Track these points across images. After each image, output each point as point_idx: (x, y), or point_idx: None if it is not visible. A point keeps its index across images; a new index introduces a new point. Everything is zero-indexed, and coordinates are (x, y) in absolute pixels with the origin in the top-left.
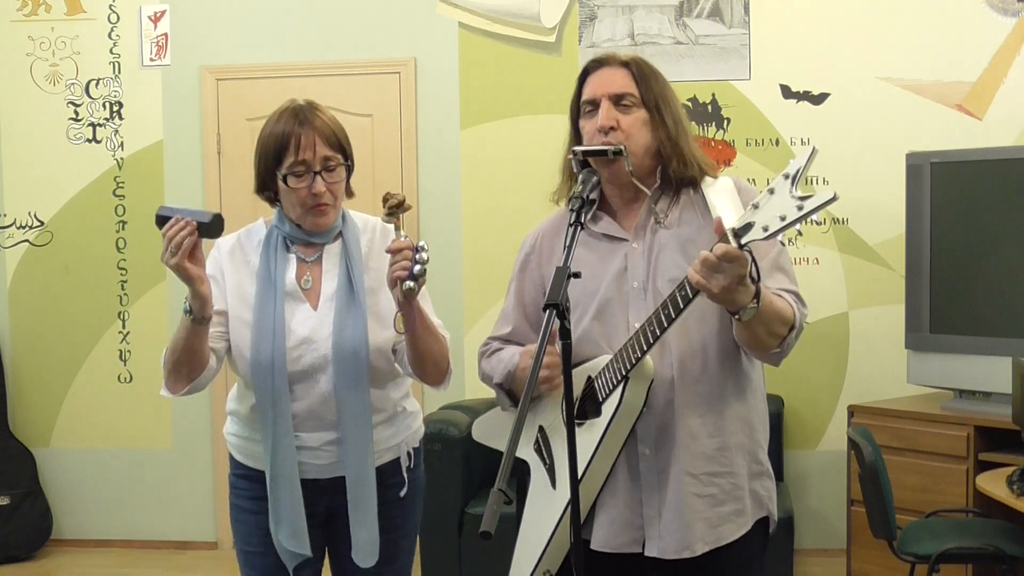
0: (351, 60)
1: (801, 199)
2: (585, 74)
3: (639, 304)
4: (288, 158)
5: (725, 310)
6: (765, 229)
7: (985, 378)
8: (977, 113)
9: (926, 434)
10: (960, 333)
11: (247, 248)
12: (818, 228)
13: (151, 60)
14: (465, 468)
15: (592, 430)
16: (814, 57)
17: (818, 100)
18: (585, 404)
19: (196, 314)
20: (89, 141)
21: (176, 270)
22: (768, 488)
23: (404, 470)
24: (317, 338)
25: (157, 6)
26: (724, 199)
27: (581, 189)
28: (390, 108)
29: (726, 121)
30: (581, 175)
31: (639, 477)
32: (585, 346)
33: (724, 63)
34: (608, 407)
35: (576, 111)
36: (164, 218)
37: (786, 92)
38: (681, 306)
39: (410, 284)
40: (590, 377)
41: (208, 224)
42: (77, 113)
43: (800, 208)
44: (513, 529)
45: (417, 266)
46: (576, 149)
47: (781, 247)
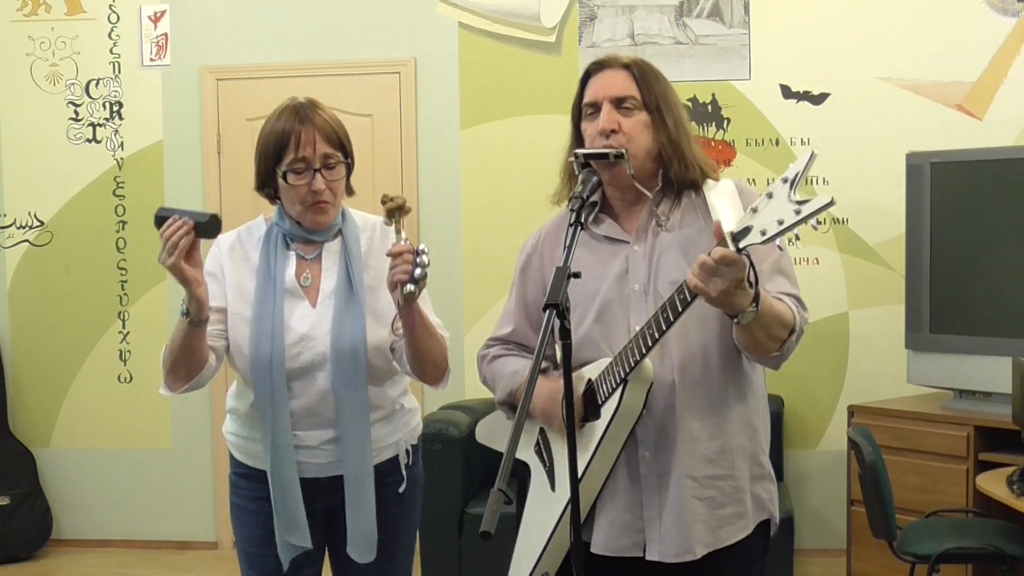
0: (351, 60)
1: (799, 203)
2: (587, 76)
3: (640, 306)
4: (288, 155)
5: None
6: (763, 233)
7: (985, 378)
8: (977, 113)
9: (926, 434)
10: (960, 333)
11: (247, 245)
12: (818, 228)
13: (151, 60)
14: (465, 468)
15: (591, 432)
16: (814, 57)
17: (818, 100)
18: (585, 406)
19: (193, 316)
20: (89, 141)
21: (173, 271)
22: (769, 491)
23: (403, 467)
24: (316, 335)
25: (157, 6)
26: (725, 202)
27: (581, 189)
28: (390, 108)
29: (726, 121)
30: (581, 175)
31: (639, 480)
32: (586, 348)
33: (724, 63)
34: (607, 410)
35: (577, 113)
36: (163, 219)
37: (786, 92)
38: (680, 309)
39: (410, 288)
40: (590, 379)
41: (205, 224)
42: (77, 113)
43: (798, 212)
44: (513, 529)
45: (418, 270)
46: (577, 152)
47: (784, 250)
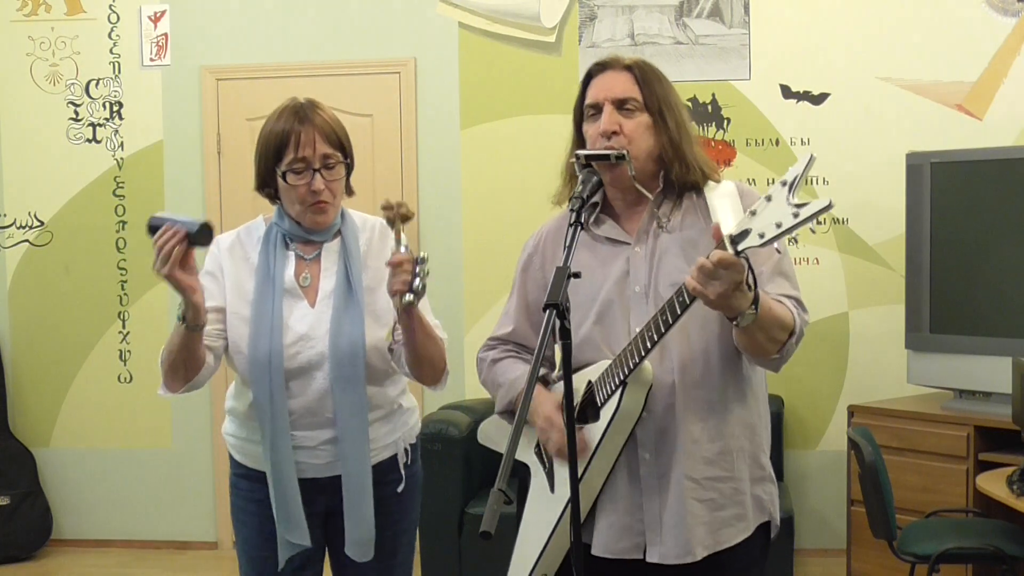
0: (351, 60)
1: (797, 206)
2: (588, 77)
3: (640, 308)
4: (288, 155)
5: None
6: (761, 236)
7: (985, 378)
8: (977, 113)
9: (926, 434)
10: (960, 333)
11: (247, 245)
12: (818, 228)
13: (151, 60)
14: (465, 468)
15: (591, 435)
16: (814, 57)
17: (818, 100)
18: (585, 408)
19: (190, 322)
20: (89, 141)
21: (168, 280)
22: (770, 492)
23: (402, 466)
24: (315, 335)
25: (157, 6)
26: (725, 204)
27: (581, 189)
28: (390, 108)
29: (726, 121)
30: (581, 175)
31: (639, 481)
32: (586, 350)
33: (724, 63)
34: (606, 412)
35: (579, 114)
36: (154, 228)
37: (786, 92)
38: (679, 312)
39: (409, 298)
40: (590, 381)
41: (197, 233)
42: (77, 113)
43: (796, 215)
44: (513, 529)
45: (417, 280)
46: (579, 153)
47: (785, 252)
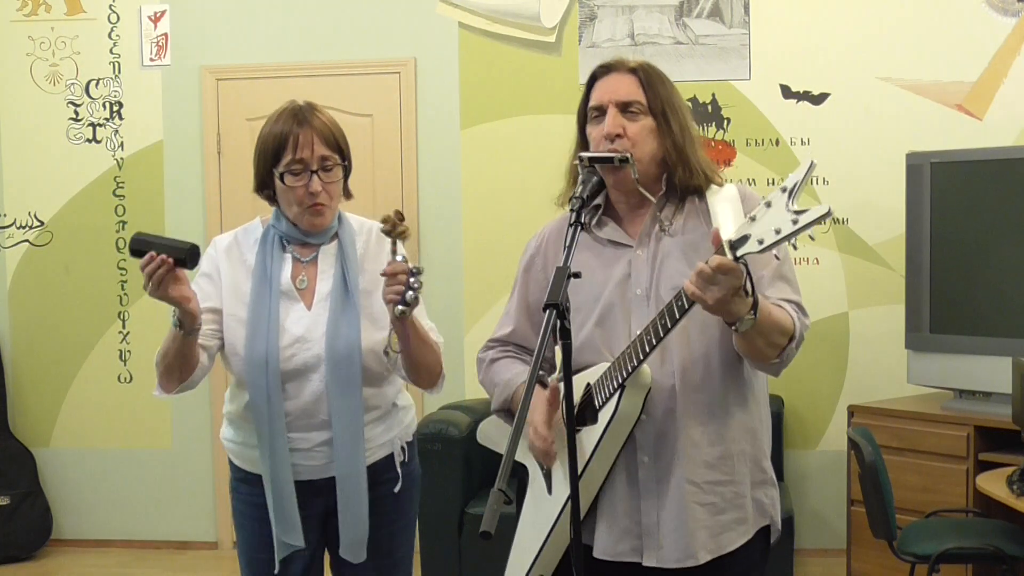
0: (351, 60)
1: (796, 213)
2: (593, 79)
3: (641, 311)
4: (286, 156)
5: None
6: (760, 242)
7: (985, 378)
8: (977, 113)
9: (926, 434)
10: (960, 333)
11: (244, 246)
12: (818, 228)
13: (151, 60)
14: (465, 468)
15: (589, 437)
16: (814, 57)
17: (818, 100)
18: (584, 411)
19: (186, 328)
20: (89, 141)
21: (161, 300)
22: (771, 496)
23: (398, 465)
24: (311, 338)
25: (157, 6)
26: (726, 208)
27: (581, 189)
28: (390, 108)
29: (726, 121)
30: (581, 175)
31: (637, 485)
32: (586, 352)
33: (724, 63)
34: (604, 415)
35: (583, 116)
36: (138, 251)
37: (786, 92)
38: (677, 316)
39: (401, 308)
40: (589, 384)
41: (183, 259)
42: (77, 113)
43: (795, 222)
44: (513, 529)
45: (410, 292)
46: (582, 155)
47: (786, 256)
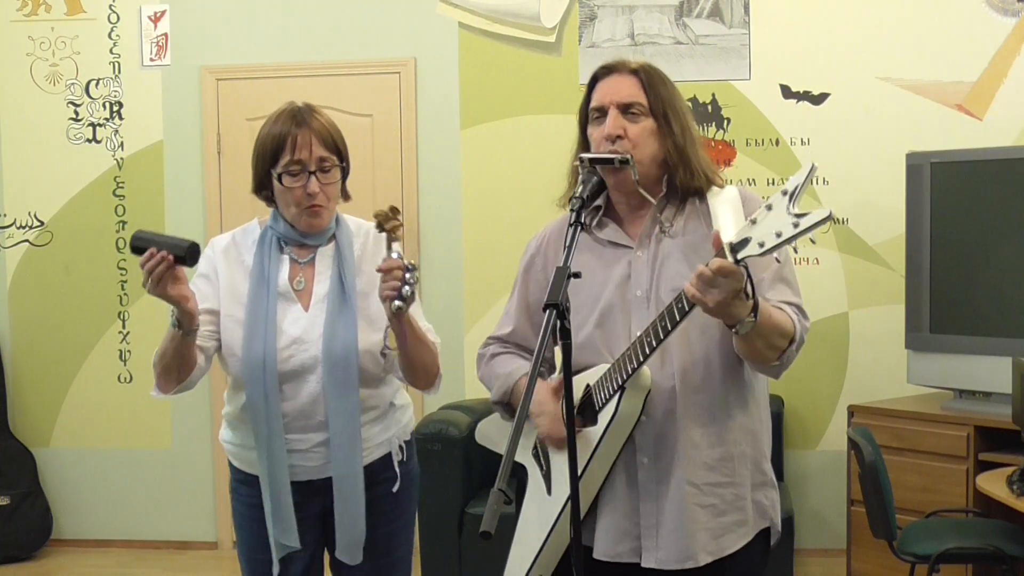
0: (351, 60)
1: (797, 216)
2: (594, 80)
3: (641, 313)
4: (284, 157)
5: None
6: (761, 245)
7: (985, 378)
8: (977, 113)
9: (926, 434)
10: (960, 333)
11: (241, 247)
12: (818, 229)
13: (151, 60)
14: (465, 468)
15: (588, 438)
16: (814, 57)
17: (818, 100)
18: (584, 412)
19: (184, 328)
20: (89, 141)
21: (160, 297)
22: (771, 498)
23: (396, 464)
24: (308, 339)
25: (157, 6)
26: (727, 210)
27: (581, 189)
28: (390, 108)
29: (726, 121)
30: (581, 175)
31: (637, 486)
32: (586, 353)
33: (724, 63)
34: (604, 416)
35: (585, 117)
36: (139, 248)
37: (786, 92)
38: (678, 318)
39: (398, 304)
40: (588, 385)
41: (183, 257)
42: (77, 113)
43: (796, 226)
44: (513, 529)
45: (406, 287)
46: (583, 157)
47: (787, 258)
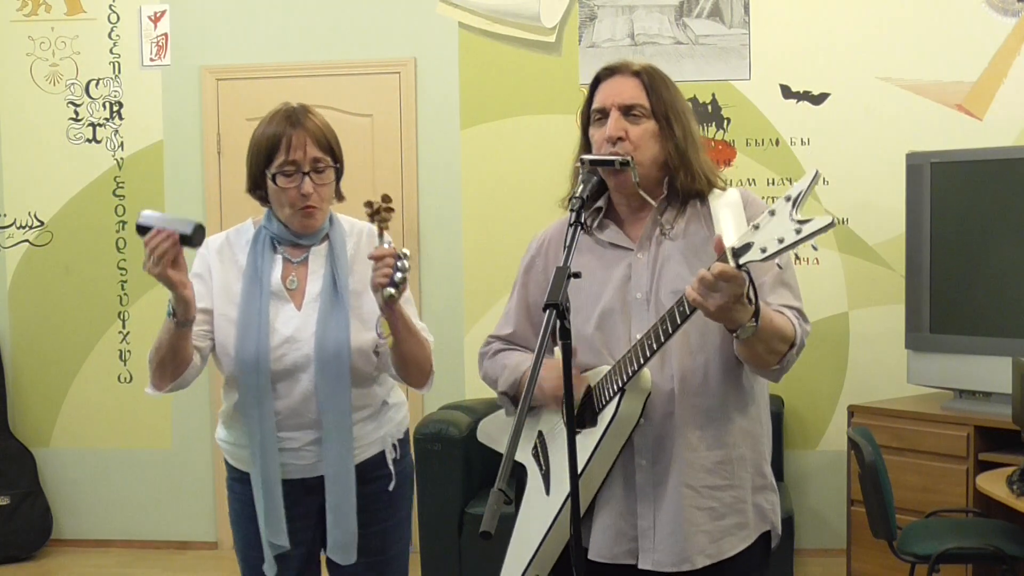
0: (351, 60)
1: (800, 223)
2: (596, 82)
3: (641, 315)
4: (278, 158)
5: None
6: (763, 251)
7: (985, 378)
8: (977, 113)
9: (926, 434)
10: (960, 333)
11: (235, 247)
12: (818, 249)
13: (151, 60)
14: (465, 468)
15: (587, 439)
16: (814, 57)
17: (818, 100)
18: (583, 413)
19: (180, 317)
20: (89, 141)
21: (159, 279)
22: (772, 501)
23: (390, 462)
24: (300, 337)
25: (157, 6)
26: (728, 213)
27: (581, 190)
28: (390, 108)
29: (726, 121)
30: (581, 175)
31: (634, 488)
32: (586, 354)
33: (724, 63)
34: (603, 418)
35: (586, 118)
36: (144, 227)
37: (786, 92)
38: (679, 322)
39: (390, 291)
40: (589, 386)
41: (189, 236)
42: (77, 113)
43: (798, 232)
44: (513, 529)
45: (398, 274)
46: (583, 158)
47: (788, 262)
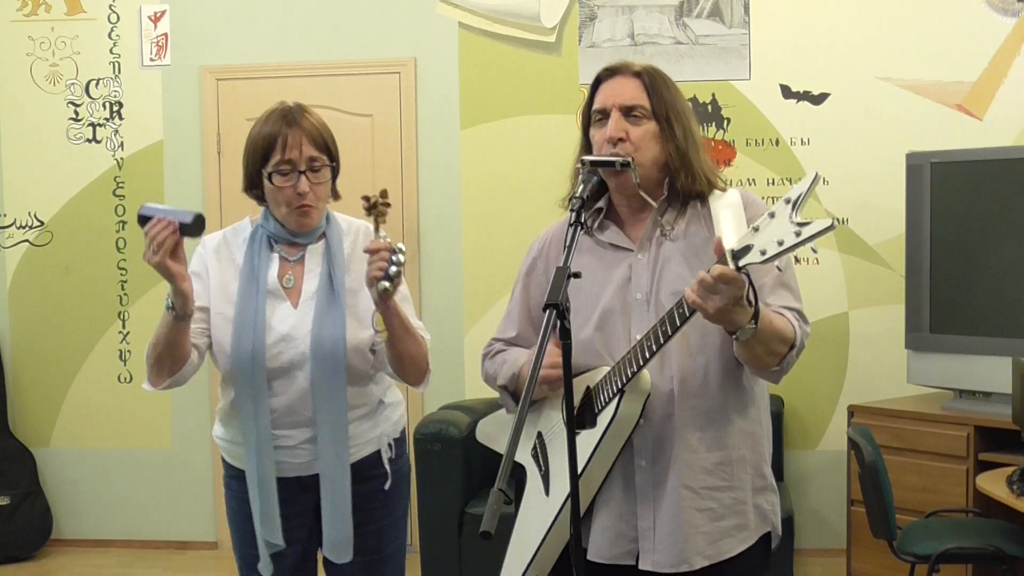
0: (351, 60)
1: (800, 225)
2: (597, 82)
3: (641, 316)
4: (275, 156)
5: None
6: (763, 253)
7: (985, 378)
8: (977, 113)
9: (926, 434)
10: (960, 333)
11: (232, 246)
12: (818, 252)
13: (151, 60)
14: (465, 468)
15: (587, 440)
16: (814, 57)
17: (818, 100)
18: (583, 414)
19: (178, 311)
20: (89, 141)
21: (158, 268)
22: (772, 502)
23: (386, 462)
24: (297, 335)
25: (157, 6)
26: (728, 214)
27: (581, 190)
28: (390, 108)
29: (726, 121)
30: (581, 175)
31: (634, 489)
32: (586, 355)
33: (724, 63)
34: (603, 419)
35: (587, 119)
36: (145, 218)
37: (786, 92)
38: (678, 323)
39: (385, 284)
40: (588, 387)
41: (190, 225)
42: (77, 113)
43: (798, 235)
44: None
45: (393, 267)
46: (584, 159)
47: (788, 264)
